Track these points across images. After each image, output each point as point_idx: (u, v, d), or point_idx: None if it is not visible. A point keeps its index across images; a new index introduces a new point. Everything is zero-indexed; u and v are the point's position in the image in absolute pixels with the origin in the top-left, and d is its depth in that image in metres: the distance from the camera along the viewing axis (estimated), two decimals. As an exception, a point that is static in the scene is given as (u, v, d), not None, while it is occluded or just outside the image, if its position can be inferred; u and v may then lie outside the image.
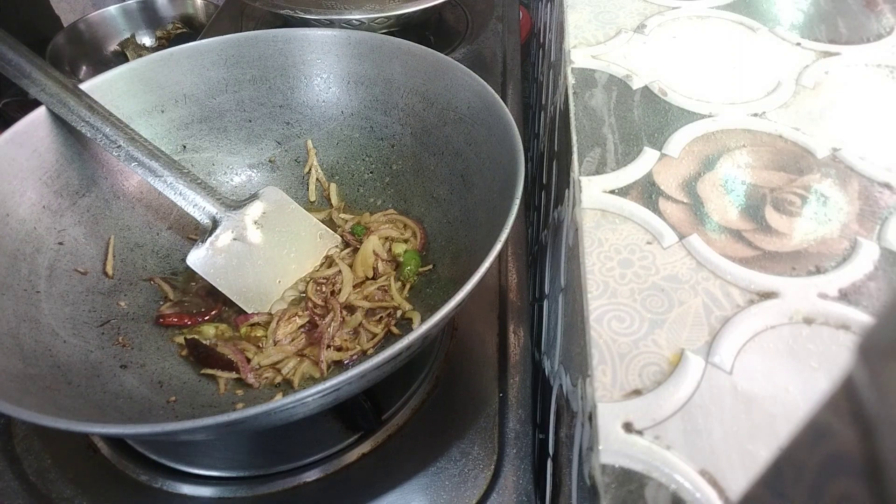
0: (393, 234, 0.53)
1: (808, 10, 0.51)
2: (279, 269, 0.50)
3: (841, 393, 0.13)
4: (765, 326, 0.29)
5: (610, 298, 0.31)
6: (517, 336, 0.50)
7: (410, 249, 0.51)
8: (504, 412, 0.45)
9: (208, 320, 0.49)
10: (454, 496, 0.41)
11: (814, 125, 0.40)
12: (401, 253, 0.51)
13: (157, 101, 0.54)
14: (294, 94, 0.58)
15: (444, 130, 0.52)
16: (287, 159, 0.59)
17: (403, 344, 0.31)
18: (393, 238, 0.52)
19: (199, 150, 0.56)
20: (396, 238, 0.52)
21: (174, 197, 0.47)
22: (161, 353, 0.46)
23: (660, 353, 0.28)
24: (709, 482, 0.24)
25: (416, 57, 0.53)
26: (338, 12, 0.71)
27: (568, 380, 0.35)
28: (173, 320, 0.48)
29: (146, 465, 0.43)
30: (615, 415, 0.26)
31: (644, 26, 0.50)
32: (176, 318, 0.48)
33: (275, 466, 0.42)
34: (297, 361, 0.46)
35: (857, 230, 0.33)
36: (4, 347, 0.38)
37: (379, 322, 0.48)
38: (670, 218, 0.35)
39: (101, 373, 0.42)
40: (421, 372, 0.47)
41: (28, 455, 0.43)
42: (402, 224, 0.54)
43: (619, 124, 0.41)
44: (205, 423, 0.29)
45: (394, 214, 0.55)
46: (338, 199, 0.58)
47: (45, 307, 0.43)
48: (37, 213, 0.46)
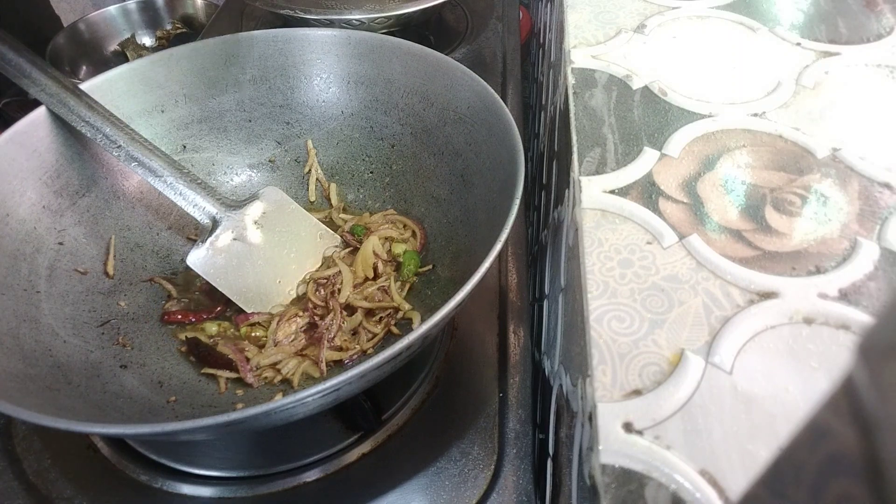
0: (393, 235, 0.53)
1: (808, 10, 0.51)
2: (279, 269, 0.50)
3: (841, 393, 0.12)
4: (765, 326, 0.29)
5: (610, 298, 0.31)
6: (517, 336, 0.50)
7: (410, 250, 0.51)
8: (504, 412, 0.45)
9: (212, 318, 0.49)
10: (454, 496, 0.41)
11: (814, 125, 0.40)
12: (400, 253, 0.51)
13: (157, 101, 0.54)
14: (294, 94, 0.58)
15: (444, 130, 0.52)
16: (287, 159, 0.59)
17: (403, 344, 0.31)
18: (393, 238, 0.52)
19: (199, 150, 0.56)
20: (396, 238, 0.52)
21: (174, 197, 0.47)
22: (161, 353, 0.46)
23: (660, 353, 0.28)
24: (709, 482, 0.24)
25: (416, 57, 0.53)
26: (338, 12, 0.71)
27: (568, 380, 0.35)
28: (178, 317, 0.48)
29: (146, 465, 0.43)
30: (615, 415, 0.26)
31: (644, 26, 0.50)
32: (181, 315, 0.48)
33: (275, 466, 0.42)
34: (297, 361, 0.46)
35: (857, 230, 0.33)
36: (4, 347, 0.38)
37: (379, 322, 0.48)
38: (670, 218, 0.35)
39: (101, 373, 0.42)
40: (421, 372, 0.47)
41: (28, 455, 0.43)
42: (401, 224, 0.54)
43: (619, 124, 0.41)
44: (205, 423, 0.29)
45: (394, 215, 0.55)
46: (338, 199, 0.58)
47: (45, 307, 0.43)
48: (37, 213, 0.46)
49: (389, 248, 0.52)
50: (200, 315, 0.49)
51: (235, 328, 0.48)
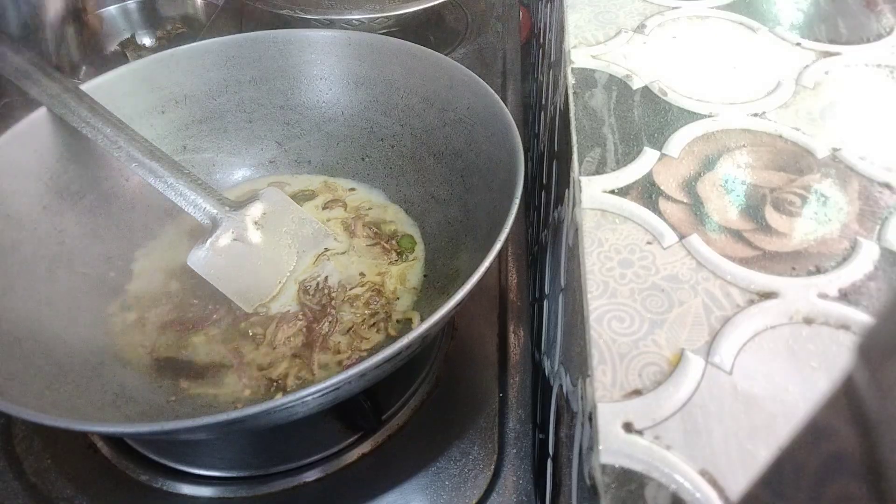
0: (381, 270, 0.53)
1: (808, 10, 0.51)
2: (279, 270, 0.50)
3: (841, 393, 0.12)
4: (765, 326, 0.29)
5: (610, 298, 0.31)
6: (517, 336, 0.50)
7: (406, 235, 0.53)
8: (504, 412, 0.45)
9: (208, 325, 0.48)
10: (454, 496, 0.41)
11: (814, 125, 0.40)
12: (398, 235, 0.53)
13: (157, 102, 0.54)
14: (294, 94, 0.58)
15: (444, 131, 0.52)
16: (287, 160, 0.59)
17: (403, 343, 0.31)
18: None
19: (200, 151, 0.57)
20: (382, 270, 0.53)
21: (175, 197, 0.47)
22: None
23: (660, 353, 0.28)
24: (709, 482, 0.24)
25: (416, 57, 0.53)
26: (338, 12, 0.71)
27: (568, 380, 0.35)
28: (179, 311, 0.48)
29: (146, 465, 0.43)
30: (615, 415, 0.26)
31: (644, 26, 0.50)
32: (183, 310, 0.48)
33: (275, 466, 0.42)
34: (291, 363, 0.46)
35: (857, 230, 0.33)
36: (5, 347, 0.38)
37: (374, 325, 0.48)
38: (670, 218, 0.35)
39: (101, 373, 0.42)
40: (421, 372, 0.47)
41: (28, 455, 0.43)
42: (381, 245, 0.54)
43: (619, 124, 0.41)
44: (205, 423, 0.29)
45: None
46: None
47: (46, 307, 0.43)
48: (37, 213, 0.46)
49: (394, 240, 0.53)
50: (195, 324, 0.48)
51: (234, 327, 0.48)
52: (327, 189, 0.58)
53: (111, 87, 0.51)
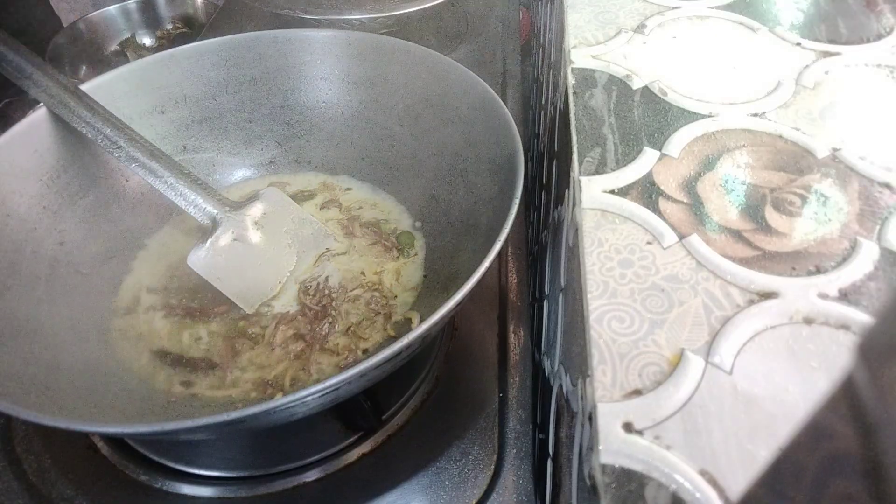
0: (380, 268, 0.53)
1: (808, 10, 0.51)
2: (279, 270, 0.50)
3: (841, 393, 0.12)
4: (765, 326, 0.29)
5: (610, 298, 0.31)
6: (517, 336, 0.50)
7: (405, 231, 0.53)
8: (504, 412, 0.45)
9: (208, 325, 0.49)
10: (454, 496, 0.41)
11: (814, 125, 0.40)
12: (396, 233, 0.54)
13: (157, 102, 0.54)
14: (294, 94, 0.58)
15: (444, 130, 0.52)
16: (287, 160, 0.59)
17: (403, 343, 0.31)
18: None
19: (200, 151, 0.57)
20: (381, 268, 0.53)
21: (175, 198, 0.47)
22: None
23: (660, 353, 0.28)
24: (709, 482, 0.24)
25: (416, 57, 0.53)
26: (338, 12, 0.71)
27: (568, 380, 0.35)
28: (179, 312, 0.48)
29: (146, 465, 0.43)
30: (615, 415, 0.26)
31: (644, 26, 0.50)
32: (182, 311, 0.48)
33: (275, 466, 0.42)
34: (291, 363, 0.46)
35: (857, 230, 0.33)
36: (5, 347, 0.38)
37: (373, 324, 0.48)
38: (670, 218, 0.35)
39: (101, 373, 0.42)
40: (421, 372, 0.47)
41: (28, 455, 0.43)
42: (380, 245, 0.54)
43: (619, 124, 0.41)
44: (205, 423, 0.29)
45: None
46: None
47: (46, 307, 0.43)
48: (37, 213, 0.46)
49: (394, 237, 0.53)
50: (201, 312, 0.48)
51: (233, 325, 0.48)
52: (327, 189, 0.58)
53: (111, 87, 0.51)
